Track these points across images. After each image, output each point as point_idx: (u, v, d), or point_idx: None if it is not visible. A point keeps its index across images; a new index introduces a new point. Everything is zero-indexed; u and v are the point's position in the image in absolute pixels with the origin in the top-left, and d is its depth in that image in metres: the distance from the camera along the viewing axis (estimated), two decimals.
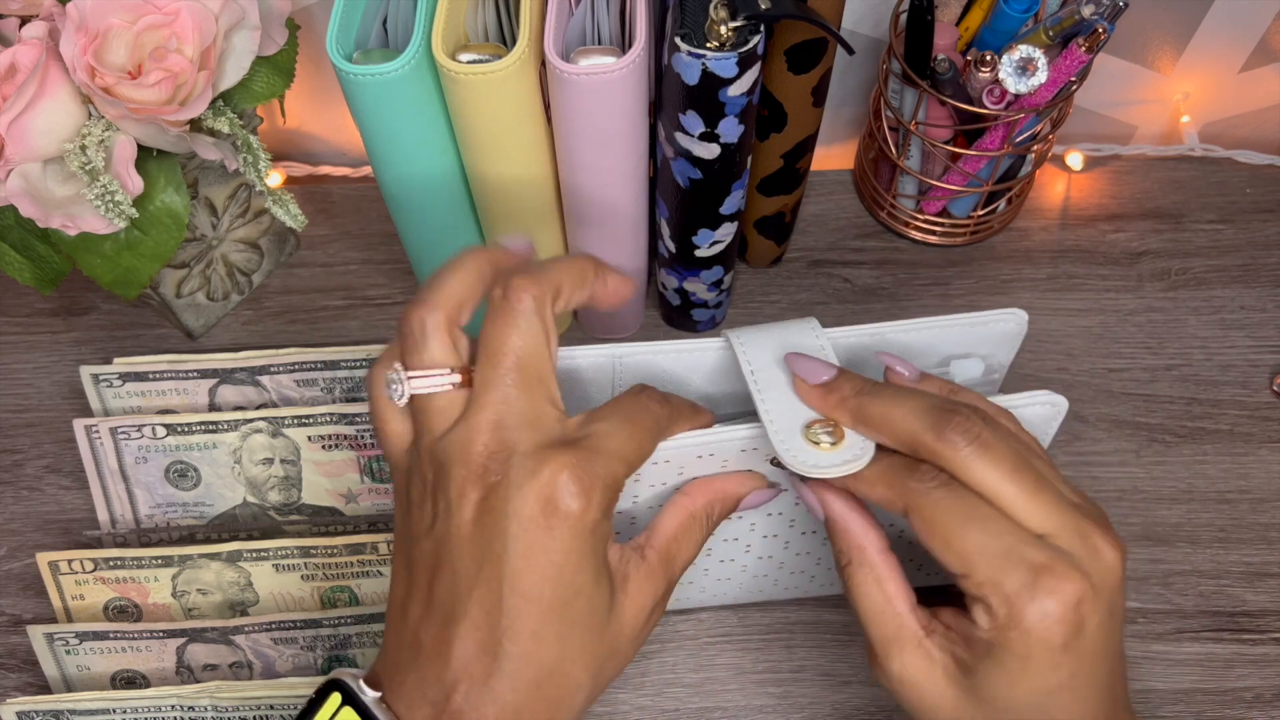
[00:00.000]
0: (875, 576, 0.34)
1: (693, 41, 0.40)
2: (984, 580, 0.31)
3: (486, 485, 0.32)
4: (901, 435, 0.33)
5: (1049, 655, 0.31)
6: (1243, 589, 0.51)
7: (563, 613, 0.32)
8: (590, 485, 0.32)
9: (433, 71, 0.42)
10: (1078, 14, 0.48)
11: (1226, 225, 0.62)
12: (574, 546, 0.32)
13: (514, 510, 0.32)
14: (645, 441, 0.35)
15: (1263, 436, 0.55)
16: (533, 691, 0.32)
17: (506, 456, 0.32)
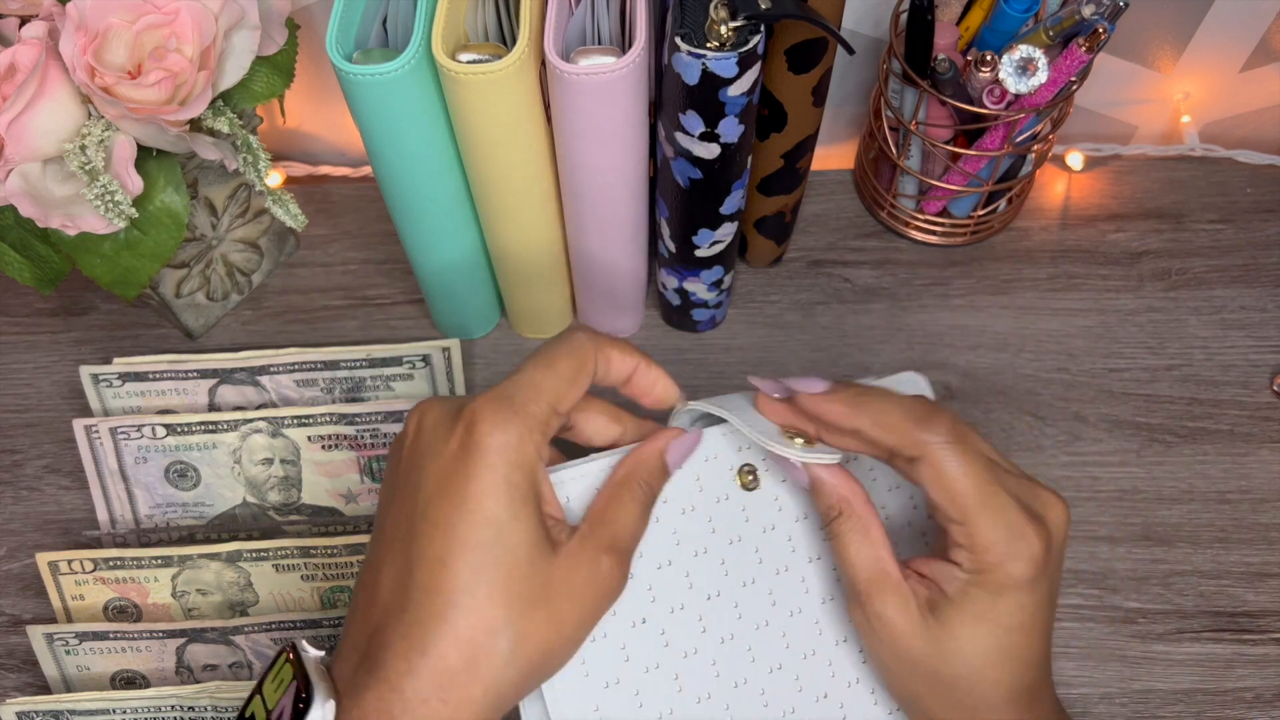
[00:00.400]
0: (862, 525, 0.37)
1: (693, 41, 0.40)
2: (977, 528, 0.35)
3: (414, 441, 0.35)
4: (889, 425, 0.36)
5: (1015, 596, 0.35)
6: (1243, 589, 0.51)
7: (470, 542, 0.32)
8: (505, 417, 0.33)
9: (432, 71, 0.42)
10: (1078, 14, 0.48)
11: (1227, 225, 0.62)
12: (483, 475, 0.33)
13: (435, 449, 0.34)
14: (566, 374, 0.36)
15: (1263, 436, 0.55)
16: (440, 624, 0.32)
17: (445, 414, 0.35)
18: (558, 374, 0.36)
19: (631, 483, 0.37)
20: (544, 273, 0.54)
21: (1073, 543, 0.52)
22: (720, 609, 0.39)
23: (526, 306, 0.57)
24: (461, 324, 0.58)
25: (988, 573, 0.35)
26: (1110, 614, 0.51)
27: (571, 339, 0.37)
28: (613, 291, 0.54)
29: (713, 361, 0.58)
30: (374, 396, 0.54)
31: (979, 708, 0.36)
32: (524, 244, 0.51)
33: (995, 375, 0.57)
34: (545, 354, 0.36)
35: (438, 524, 0.33)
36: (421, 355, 0.53)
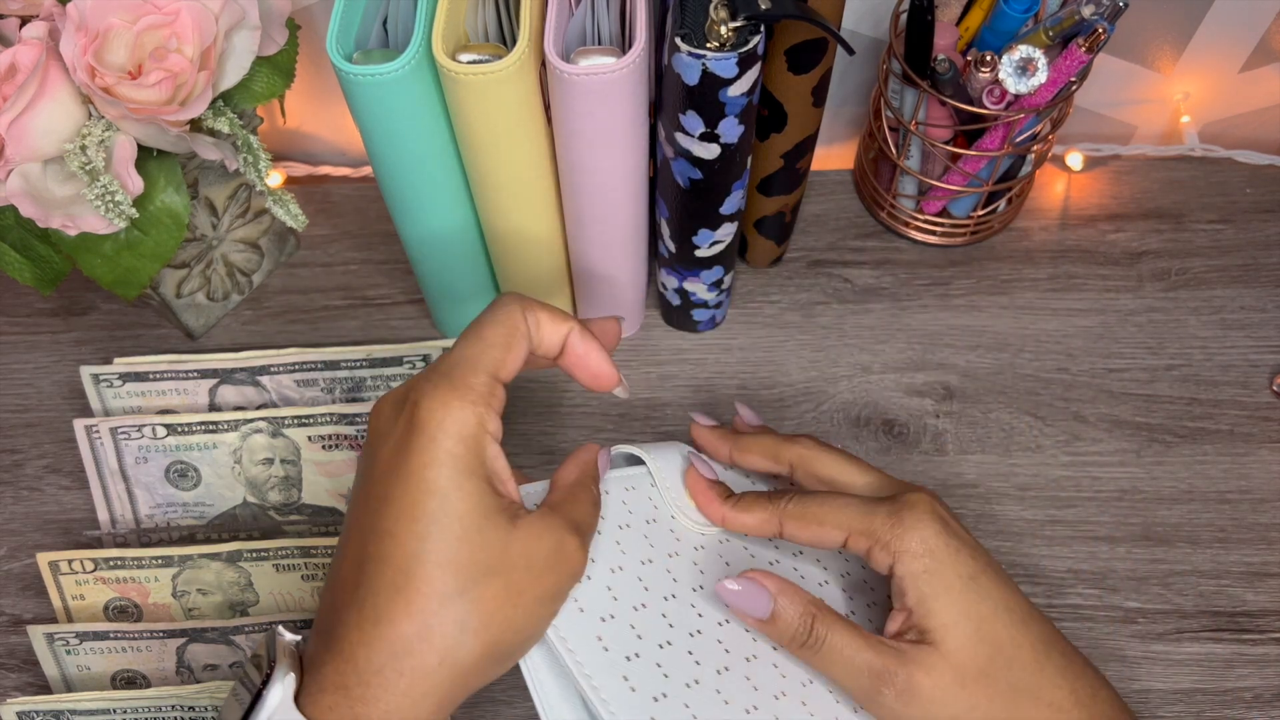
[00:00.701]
0: (841, 627, 0.37)
1: (693, 41, 0.40)
2: (860, 529, 0.38)
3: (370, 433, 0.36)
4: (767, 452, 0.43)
5: (942, 542, 0.37)
6: (1243, 589, 0.51)
7: (414, 512, 0.32)
8: (444, 393, 0.33)
9: (433, 72, 0.42)
10: (1078, 14, 0.48)
11: (1227, 225, 0.62)
12: (425, 448, 0.33)
13: (384, 435, 0.34)
14: (499, 342, 0.35)
15: (1263, 437, 0.55)
16: (391, 593, 0.32)
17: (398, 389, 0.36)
18: (489, 343, 0.35)
19: (585, 479, 0.38)
20: (544, 273, 0.54)
21: (1072, 542, 0.52)
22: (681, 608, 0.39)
23: None
24: (461, 324, 0.58)
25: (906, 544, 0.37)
26: (1110, 614, 0.51)
27: (499, 306, 0.37)
28: (613, 291, 0.54)
29: (713, 361, 0.58)
30: (374, 396, 0.54)
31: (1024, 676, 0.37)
32: (524, 244, 0.51)
33: (995, 375, 0.57)
34: (475, 326, 0.36)
35: (386, 498, 0.33)
36: (422, 355, 0.53)
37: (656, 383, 0.57)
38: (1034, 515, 0.53)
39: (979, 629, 0.37)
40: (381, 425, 0.35)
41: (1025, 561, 0.52)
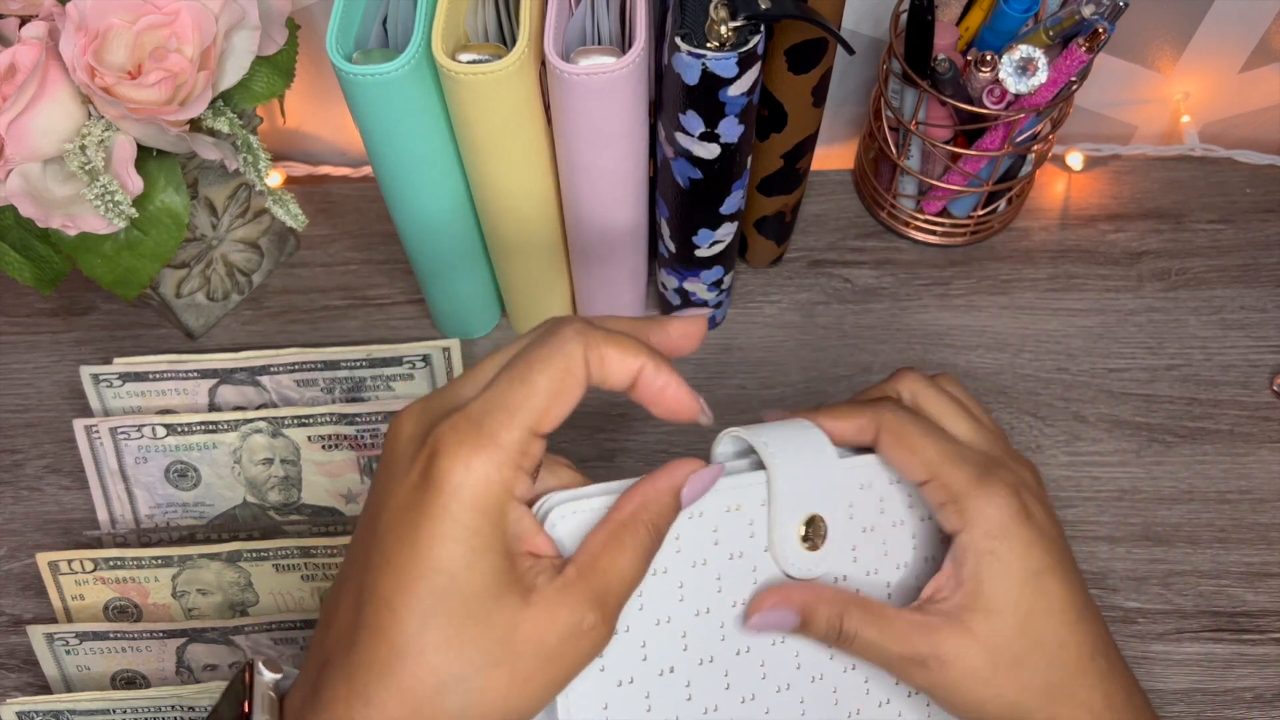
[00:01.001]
0: (873, 614, 0.36)
1: (693, 41, 0.40)
2: (944, 479, 0.36)
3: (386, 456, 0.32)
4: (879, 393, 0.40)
5: (1018, 530, 0.35)
6: (1243, 589, 0.51)
7: (419, 589, 0.29)
8: (470, 450, 0.29)
9: (432, 71, 0.42)
10: (1078, 14, 0.48)
11: (1226, 225, 0.62)
12: (439, 517, 0.29)
13: (398, 474, 0.30)
14: (547, 389, 0.30)
15: (1263, 437, 0.55)
16: (385, 674, 0.29)
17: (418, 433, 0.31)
18: (534, 389, 0.30)
19: (636, 524, 0.32)
20: (544, 272, 0.54)
21: (1072, 542, 0.52)
22: (710, 677, 0.36)
23: (526, 306, 0.57)
24: (462, 324, 0.58)
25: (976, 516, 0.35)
26: (1110, 614, 0.51)
27: (556, 341, 0.31)
28: (612, 291, 0.54)
29: (713, 361, 0.58)
30: (374, 396, 0.54)
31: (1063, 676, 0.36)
32: (524, 244, 0.51)
33: (995, 375, 0.57)
34: (523, 364, 0.31)
35: (389, 561, 0.29)
36: (422, 355, 0.53)
37: None
38: None
39: (1024, 624, 0.36)
40: (398, 454, 0.31)
41: None
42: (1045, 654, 0.36)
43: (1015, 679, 0.36)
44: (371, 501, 0.32)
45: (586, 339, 0.31)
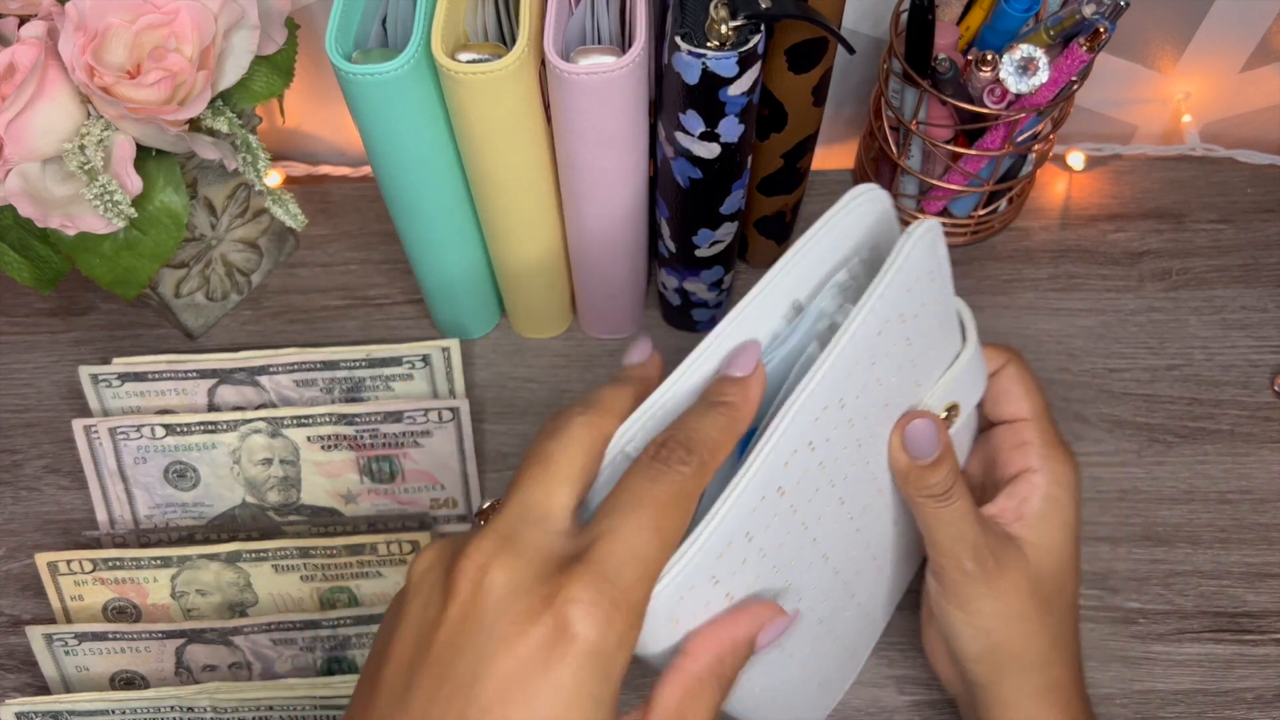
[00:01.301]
0: (968, 496, 0.38)
1: (693, 41, 0.40)
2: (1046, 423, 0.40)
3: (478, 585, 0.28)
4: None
5: (1077, 494, 0.40)
6: (1243, 589, 0.51)
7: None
8: (608, 612, 0.27)
9: (432, 71, 0.42)
10: (1079, 13, 0.48)
11: (1227, 225, 0.62)
12: (571, 689, 0.27)
13: (508, 634, 0.27)
14: (668, 528, 0.29)
15: (1264, 437, 0.55)
16: None
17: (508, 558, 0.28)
18: (666, 538, 0.29)
19: (711, 677, 0.31)
20: (544, 272, 0.53)
21: None
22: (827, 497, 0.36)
23: (526, 306, 0.56)
24: (461, 323, 0.58)
25: (1058, 465, 0.40)
26: (1111, 614, 0.51)
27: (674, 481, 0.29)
28: (612, 291, 0.54)
29: None
30: (373, 397, 0.54)
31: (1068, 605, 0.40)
32: (524, 244, 0.51)
33: None
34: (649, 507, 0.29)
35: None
36: (421, 355, 0.53)
37: None
38: None
39: (1061, 571, 0.40)
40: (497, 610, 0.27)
41: None
42: (1065, 604, 0.40)
43: (1042, 612, 0.39)
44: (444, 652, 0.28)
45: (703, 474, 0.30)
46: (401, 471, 0.53)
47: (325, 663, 0.49)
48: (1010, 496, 0.40)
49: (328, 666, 0.49)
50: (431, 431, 0.52)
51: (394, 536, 0.50)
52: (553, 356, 0.58)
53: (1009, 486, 0.40)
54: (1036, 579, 0.39)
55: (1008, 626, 0.38)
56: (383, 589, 0.51)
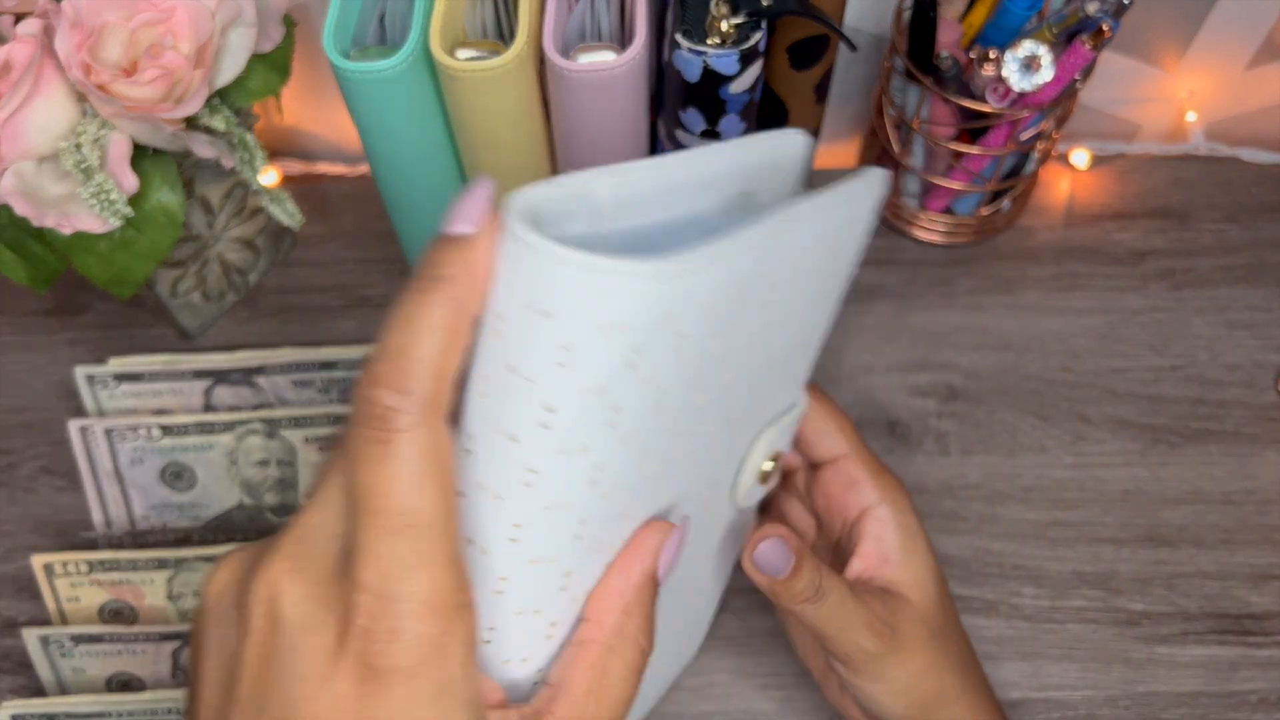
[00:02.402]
0: (838, 581, 0.37)
1: (693, 38, 0.39)
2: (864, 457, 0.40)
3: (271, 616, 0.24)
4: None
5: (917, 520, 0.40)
6: (1248, 591, 0.51)
7: None
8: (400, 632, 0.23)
9: (430, 68, 0.41)
10: (1082, 11, 0.48)
11: (1232, 224, 0.61)
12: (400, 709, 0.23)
13: (304, 669, 0.24)
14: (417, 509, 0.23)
15: (1268, 437, 0.55)
16: None
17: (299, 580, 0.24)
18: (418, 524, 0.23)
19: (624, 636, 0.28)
20: None
21: (1076, 544, 0.52)
22: None
23: None
24: None
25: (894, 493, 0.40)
26: (1114, 616, 0.50)
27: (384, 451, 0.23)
28: None
29: None
30: None
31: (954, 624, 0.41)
32: None
33: (999, 375, 0.57)
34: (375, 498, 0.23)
35: None
36: None
37: None
38: (1038, 516, 0.53)
39: (941, 593, 0.40)
40: (292, 643, 0.24)
41: (1029, 563, 0.52)
42: (952, 624, 0.40)
43: (942, 648, 0.39)
44: (248, 691, 0.24)
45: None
46: None
47: None
48: (866, 539, 0.39)
49: None
50: None
51: None
52: None
53: (858, 528, 0.40)
54: (926, 618, 0.39)
55: (922, 681, 0.39)
56: None
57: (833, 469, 0.41)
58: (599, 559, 0.28)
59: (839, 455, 0.40)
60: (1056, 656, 0.49)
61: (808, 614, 0.37)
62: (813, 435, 0.40)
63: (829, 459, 0.41)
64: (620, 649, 0.28)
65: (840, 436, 0.40)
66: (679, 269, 0.23)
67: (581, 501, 0.25)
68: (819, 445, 0.41)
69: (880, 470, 0.40)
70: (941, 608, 0.40)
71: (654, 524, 0.29)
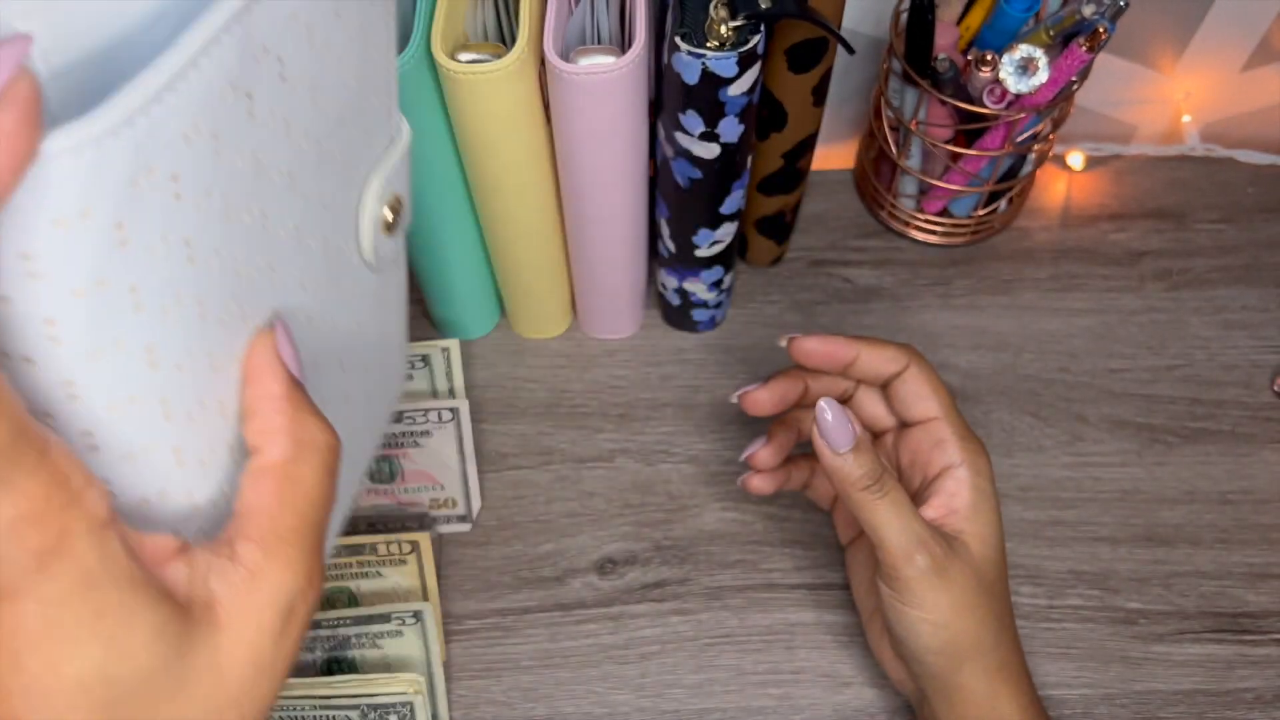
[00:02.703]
0: (899, 495, 0.40)
1: (693, 41, 0.40)
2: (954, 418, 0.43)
3: None
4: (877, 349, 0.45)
5: (994, 486, 0.43)
6: (1244, 590, 0.51)
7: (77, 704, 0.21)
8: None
9: (432, 71, 0.42)
10: (1078, 13, 0.48)
11: (1228, 225, 0.62)
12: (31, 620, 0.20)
13: None
14: None
15: (1265, 437, 0.55)
16: None
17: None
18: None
19: (303, 448, 0.25)
20: (544, 273, 0.53)
21: (1074, 543, 0.52)
22: None
23: (526, 306, 0.56)
24: (461, 323, 0.58)
25: (976, 457, 0.42)
26: (1112, 615, 0.51)
27: None
28: (612, 291, 0.54)
29: (713, 361, 0.58)
30: None
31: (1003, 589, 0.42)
32: (524, 244, 0.51)
33: (996, 375, 0.57)
34: None
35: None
36: (421, 356, 0.53)
37: (656, 383, 0.57)
38: (1035, 516, 0.53)
39: (1000, 555, 0.42)
40: None
41: (1027, 562, 0.52)
42: (1002, 588, 0.42)
43: (988, 600, 0.41)
44: None
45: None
46: (401, 471, 0.53)
47: (325, 662, 0.49)
48: (940, 494, 0.42)
49: (327, 666, 0.49)
50: (431, 432, 0.52)
51: (393, 537, 0.50)
52: (552, 356, 0.58)
53: (936, 484, 0.42)
54: (979, 567, 0.41)
55: (961, 617, 0.40)
56: (382, 589, 0.50)
57: (923, 429, 0.43)
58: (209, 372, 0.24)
59: (931, 418, 0.43)
60: (1054, 655, 0.50)
61: (866, 506, 0.40)
62: (910, 397, 0.44)
63: (921, 420, 0.44)
64: (303, 456, 0.25)
65: (934, 400, 0.43)
66: (119, 118, 0.19)
67: (147, 382, 0.22)
68: (914, 407, 0.43)
69: (967, 435, 0.43)
70: (996, 567, 0.42)
71: (254, 343, 0.25)
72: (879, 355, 0.44)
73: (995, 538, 0.42)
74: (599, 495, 0.54)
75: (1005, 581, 0.43)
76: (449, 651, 0.50)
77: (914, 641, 0.41)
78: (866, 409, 0.46)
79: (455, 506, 0.53)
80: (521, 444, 0.55)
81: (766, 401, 0.45)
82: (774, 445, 0.46)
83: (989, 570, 0.41)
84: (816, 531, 0.53)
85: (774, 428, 0.47)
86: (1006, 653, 0.42)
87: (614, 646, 0.50)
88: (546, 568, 0.52)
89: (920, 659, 0.42)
